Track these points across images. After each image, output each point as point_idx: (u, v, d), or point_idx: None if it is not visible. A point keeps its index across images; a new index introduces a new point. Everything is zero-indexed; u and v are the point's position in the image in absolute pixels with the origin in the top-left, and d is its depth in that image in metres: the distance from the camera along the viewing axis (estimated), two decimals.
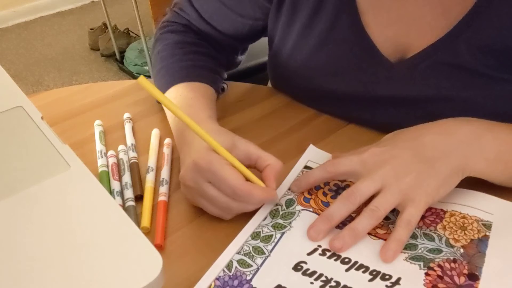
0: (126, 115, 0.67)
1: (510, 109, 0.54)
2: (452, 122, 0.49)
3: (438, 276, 0.41)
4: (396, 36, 0.57)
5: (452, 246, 0.44)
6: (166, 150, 0.59)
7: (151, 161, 0.57)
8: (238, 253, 0.45)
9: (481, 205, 0.47)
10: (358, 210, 0.46)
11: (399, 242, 0.43)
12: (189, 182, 0.48)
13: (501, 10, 0.50)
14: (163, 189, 0.53)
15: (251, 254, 0.45)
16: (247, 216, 0.48)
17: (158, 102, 0.69)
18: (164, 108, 0.64)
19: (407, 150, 0.47)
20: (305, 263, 0.43)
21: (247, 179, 0.47)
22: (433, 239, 0.45)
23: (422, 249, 0.44)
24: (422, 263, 0.43)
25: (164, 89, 0.61)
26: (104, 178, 0.55)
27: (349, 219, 0.46)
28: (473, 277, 0.41)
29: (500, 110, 0.54)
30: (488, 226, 0.46)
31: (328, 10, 0.59)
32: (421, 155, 0.46)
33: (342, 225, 0.46)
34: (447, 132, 0.47)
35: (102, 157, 0.58)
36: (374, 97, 0.60)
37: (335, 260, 0.44)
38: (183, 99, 0.58)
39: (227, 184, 0.45)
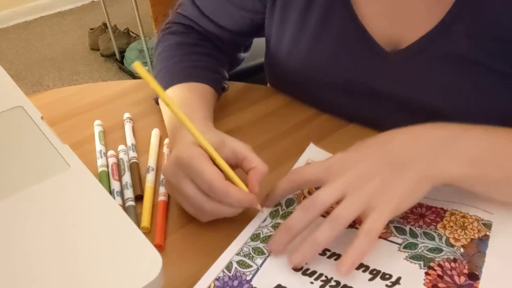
0: (126, 115, 0.67)
1: (502, 103, 0.53)
2: (423, 128, 0.46)
3: (438, 275, 0.41)
4: (390, 27, 0.57)
5: (452, 246, 0.44)
6: (166, 150, 0.59)
7: (151, 161, 0.57)
8: (237, 254, 0.45)
9: (481, 205, 0.47)
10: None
11: (359, 254, 0.41)
12: (169, 176, 0.47)
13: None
14: (163, 189, 0.53)
15: (250, 255, 0.45)
16: (247, 216, 0.48)
17: (157, 103, 0.69)
18: (161, 107, 0.64)
19: (373, 155, 0.44)
20: (305, 263, 0.43)
21: (230, 180, 0.46)
22: (433, 238, 0.45)
23: (422, 248, 0.44)
24: (422, 263, 0.43)
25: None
26: (103, 178, 0.55)
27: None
28: (473, 276, 0.41)
29: (495, 102, 0.54)
30: (488, 225, 0.46)
31: (321, 1, 0.59)
32: (387, 160, 0.44)
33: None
34: (416, 137, 0.45)
35: (101, 157, 0.58)
36: (372, 90, 0.60)
37: (335, 259, 0.44)
38: (179, 99, 0.58)
39: (204, 179, 0.44)
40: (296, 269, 0.43)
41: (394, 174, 0.42)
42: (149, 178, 0.55)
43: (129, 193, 0.53)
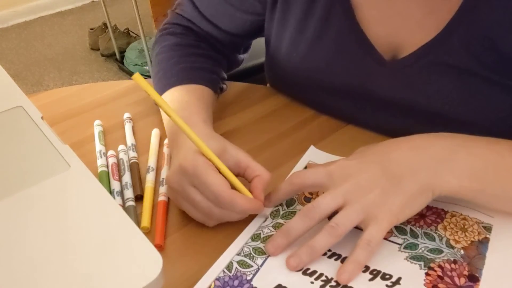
0: (126, 115, 0.67)
1: (502, 115, 0.53)
2: (424, 138, 0.46)
3: (439, 276, 0.41)
4: (387, 34, 0.57)
5: (453, 247, 0.44)
6: (166, 150, 0.59)
7: (151, 161, 0.57)
8: (238, 254, 0.45)
9: (481, 207, 0.47)
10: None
11: (357, 264, 0.42)
12: (174, 184, 0.47)
13: (489, 9, 0.49)
14: (163, 189, 0.53)
15: (251, 255, 0.45)
16: (248, 216, 0.48)
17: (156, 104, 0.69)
18: (160, 109, 0.64)
19: (374, 165, 0.45)
20: (302, 267, 0.43)
21: (235, 188, 0.47)
22: (433, 239, 0.45)
23: (423, 248, 0.44)
24: (422, 263, 0.43)
25: (161, 92, 0.61)
26: (103, 178, 0.55)
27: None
28: (473, 278, 0.41)
29: (495, 114, 0.54)
30: (488, 228, 0.46)
31: (322, 4, 0.59)
32: (388, 171, 0.44)
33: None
34: (417, 148, 0.45)
35: (101, 157, 0.58)
36: (370, 94, 0.60)
37: (336, 259, 0.44)
38: (178, 103, 0.58)
39: (210, 190, 0.44)
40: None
41: (394, 186, 0.43)
42: (149, 178, 0.55)
43: (129, 193, 0.53)
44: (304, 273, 0.43)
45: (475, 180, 0.43)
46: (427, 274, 0.42)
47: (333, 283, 0.41)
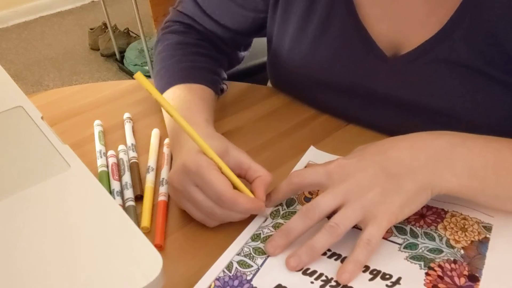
0: (126, 115, 0.67)
1: (502, 107, 0.53)
2: (422, 137, 0.46)
3: (439, 276, 0.41)
4: (390, 32, 0.57)
5: (453, 247, 0.44)
6: (166, 150, 0.59)
7: (151, 161, 0.57)
8: (238, 254, 0.45)
9: (481, 207, 0.47)
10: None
11: (357, 263, 0.42)
12: (176, 184, 0.47)
13: (492, 5, 0.49)
14: (163, 189, 0.53)
15: (251, 255, 0.45)
16: (247, 217, 0.48)
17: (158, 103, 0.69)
18: (162, 108, 0.64)
19: (374, 164, 0.44)
20: (302, 267, 0.43)
21: (236, 188, 0.47)
22: (433, 239, 0.45)
23: (423, 248, 0.44)
24: (422, 263, 0.43)
25: (162, 90, 0.61)
26: (103, 178, 0.55)
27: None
28: (473, 278, 0.41)
29: (497, 112, 0.54)
30: (488, 228, 0.46)
31: (323, 1, 0.59)
32: (387, 170, 0.44)
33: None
34: (415, 147, 0.45)
35: (101, 157, 0.58)
36: (372, 92, 0.60)
37: (336, 259, 0.44)
38: (180, 101, 0.58)
39: (213, 189, 0.44)
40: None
41: (393, 185, 0.43)
42: (149, 178, 0.55)
43: (129, 193, 0.53)
44: (304, 273, 0.43)
45: (475, 178, 0.43)
46: (427, 274, 0.42)
47: (333, 283, 0.41)
